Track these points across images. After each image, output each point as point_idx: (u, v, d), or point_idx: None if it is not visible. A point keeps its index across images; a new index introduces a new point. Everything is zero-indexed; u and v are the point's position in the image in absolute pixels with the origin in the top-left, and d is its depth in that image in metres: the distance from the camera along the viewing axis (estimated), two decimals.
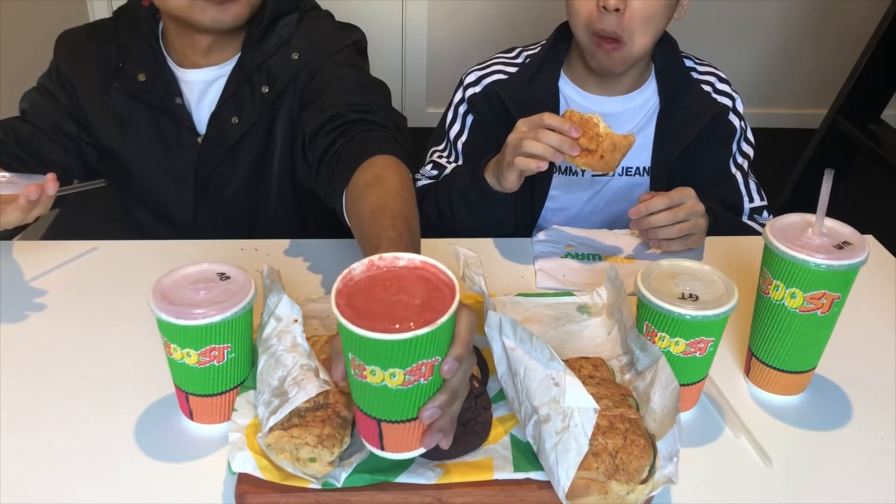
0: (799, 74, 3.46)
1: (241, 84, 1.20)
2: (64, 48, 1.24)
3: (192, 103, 1.22)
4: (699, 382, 0.82)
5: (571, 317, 0.94)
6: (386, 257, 0.66)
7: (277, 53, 1.20)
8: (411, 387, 0.62)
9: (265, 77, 1.20)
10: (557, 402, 0.69)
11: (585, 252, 1.13)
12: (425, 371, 0.61)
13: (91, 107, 1.22)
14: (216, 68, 1.21)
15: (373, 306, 0.61)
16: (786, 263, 0.78)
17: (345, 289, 0.63)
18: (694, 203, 1.08)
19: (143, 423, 0.80)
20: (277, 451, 0.70)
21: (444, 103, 1.38)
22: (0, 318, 0.95)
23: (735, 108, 1.30)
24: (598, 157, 0.99)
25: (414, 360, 0.60)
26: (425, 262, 0.65)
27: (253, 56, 1.19)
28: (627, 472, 0.68)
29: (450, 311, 0.60)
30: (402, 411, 0.63)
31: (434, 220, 1.21)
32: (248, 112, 1.20)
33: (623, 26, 1.13)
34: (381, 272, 0.65)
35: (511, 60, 1.33)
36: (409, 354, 0.60)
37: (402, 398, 0.62)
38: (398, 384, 0.61)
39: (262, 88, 1.19)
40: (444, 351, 0.62)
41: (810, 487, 0.76)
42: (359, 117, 1.05)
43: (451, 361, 0.62)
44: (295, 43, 1.20)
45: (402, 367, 0.60)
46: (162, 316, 0.72)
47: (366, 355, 0.60)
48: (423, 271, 0.65)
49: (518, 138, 1.02)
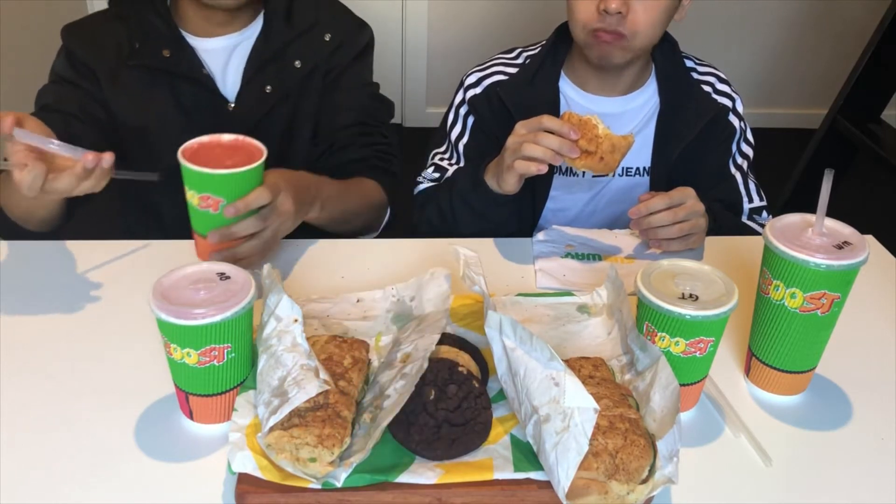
0: (799, 74, 3.46)
1: (272, 56, 1.25)
2: (75, 38, 1.24)
3: (216, 72, 1.25)
4: (699, 382, 0.82)
5: (571, 317, 0.94)
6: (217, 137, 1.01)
7: (310, 32, 1.27)
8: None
9: (298, 52, 1.26)
10: (557, 402, 0.69)
11: (585, 252, 1.13)
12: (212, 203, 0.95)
13: (112, 90, 1.23)
14: (236, 35, 1.25)
15: (200, 162, 0.94)
16: (786, 263, 0.78)
17: (187, 150, 0.97)
18: (694, 203, 1.08)
19: (143, 423, 0.80)
20: (277, 451, 0.70)
21: (444, 103, 1.38)
22: (0, 318, 0.95)
23: (735, 109, 1.30)
24: (597, 159, 0.99)
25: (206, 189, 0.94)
26: (245, 139, 1.00)
27: (281, 30, 1.25)
28: (627, 472, 0.68)
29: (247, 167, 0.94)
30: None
31: (437, 224, 1.22)
32: (281, 83, 1.26)
33: (626, 27, 1.13)
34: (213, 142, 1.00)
35: (511, 61, 1.33)
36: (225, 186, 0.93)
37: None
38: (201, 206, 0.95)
39: (294, 62, 1.25)
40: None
41: (810, 487, 0.76)
42: (360, 157, 1.29)
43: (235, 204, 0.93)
44: (324, 23, 1.29)
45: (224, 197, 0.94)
46: (162, 316, 0.72)
47: (199, 186, 0.94)
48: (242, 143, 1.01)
49: (517, 141, 1.02)
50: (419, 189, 1.31)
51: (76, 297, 0.99)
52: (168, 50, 1.22)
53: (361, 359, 0.80)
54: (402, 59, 3.30)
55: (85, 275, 1.04)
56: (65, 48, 1.25)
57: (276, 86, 1.26)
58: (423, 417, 0.73)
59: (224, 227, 0.95)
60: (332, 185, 1.18)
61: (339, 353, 0.79)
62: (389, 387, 0.76)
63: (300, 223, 1.12)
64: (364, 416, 0.76)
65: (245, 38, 1.26)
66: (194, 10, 1.22)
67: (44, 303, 0.98)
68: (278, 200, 0.99)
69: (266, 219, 0.98)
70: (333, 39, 1.29)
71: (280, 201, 1.00)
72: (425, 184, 1.31)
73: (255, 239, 0.99)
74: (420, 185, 1.31)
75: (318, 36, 1.28)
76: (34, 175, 0.87)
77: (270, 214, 0.99)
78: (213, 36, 1.24)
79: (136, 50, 1.21)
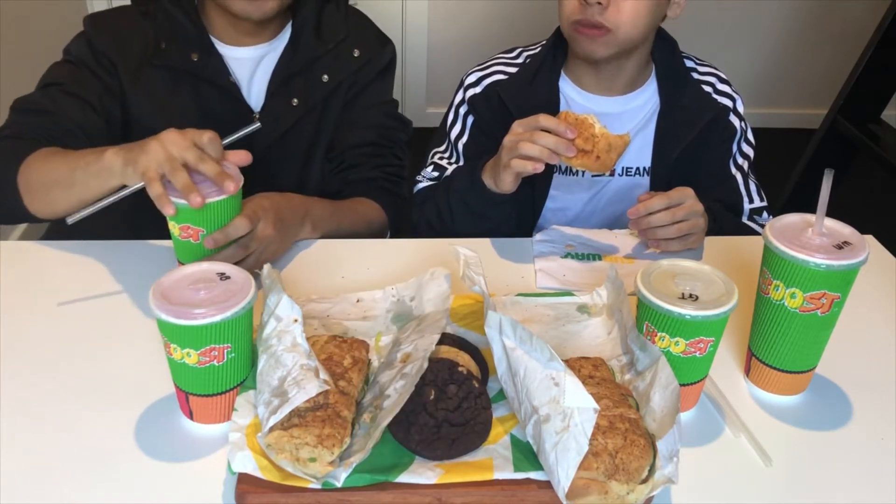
0: (799, 74, 3.46)
1: (301, 69, 1.24)
2: (99, 30, 1.21)
3: (242, 81, 1.25)
4: (699, 382, 0.82)
5: (571, 317, 0.94)
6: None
7: (339, 47, 1.27)
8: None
9: (326, 66, 1.26)
10: (557, 402, 0.69)
11: (585, 252, 1.13)
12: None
13: (133, 88, 1.21)
14: (265, 45, 1.25)
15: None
16: (786, 263, 0.78)
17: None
18: (693, 203, 1.08)
19: (143, 423, 0.80)
20: (277, 450, 0.70)
21: (444, 103, 1.38)
22: (0, 318, 0.95)
23: (735, 109, 1.30)
24: (594, 158, 0.99)
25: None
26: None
27: (311, 43, 1.25)
28: (627, 472, 0.68)
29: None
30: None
31: (435, 224, 1.22)
32: (308, 96, 1.25)
33: (607, 18, 1.13)
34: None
35: (511, 61, 1.33)
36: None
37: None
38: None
39: (322, 77, 1.25)
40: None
41: (810, 487, 0.76)
42: (369, 177, 1.29)
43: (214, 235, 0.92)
44: (352, 37, 1.29)
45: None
46: (162, 316, 0.72)
47: (178, 217, 0.93)
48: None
49: (514, 140, 1.02)
50: (418, 188, 1.31)
51: (76, 297, 0.99)
52: (196, 53, 1.20)
53: (361, 359, 0.80)
54: (402, 59, 3.30)
55: (85, 275, 1.03)
56: (86, 36, 1.21)
57: (303, 99, 1.25)
58: (423, 417, 0.73)
59: (205, 258, 0.93)
60: (323, 206, 1.17)
61: (339, 353, 0.79)
62: (389, 387, 0.76)
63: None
64: (364, 416, 0.76)
65: (272, 50, 1.25)
66: (222, 18, 1.21)
67: (44, 303, 0.98)
68: (258, 228, 0.99)
69: (247, 247, 0.98)
70: (362, 56, 1.28)
71: (260, 228, 0.99)
72: (424, 183, 1.31)
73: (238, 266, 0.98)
74: (419, 184, 1.31)
75: (348, 51, 1.27)
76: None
77: (250, 242, 0.98)
78: (241, 45, 1.24)
79: (161, 49, 1.20)
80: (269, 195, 1.06)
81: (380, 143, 1.31)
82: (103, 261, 1.06)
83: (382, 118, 1.33)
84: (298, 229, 1.11)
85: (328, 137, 1.30)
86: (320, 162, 1.31)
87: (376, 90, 1.33)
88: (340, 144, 1.30)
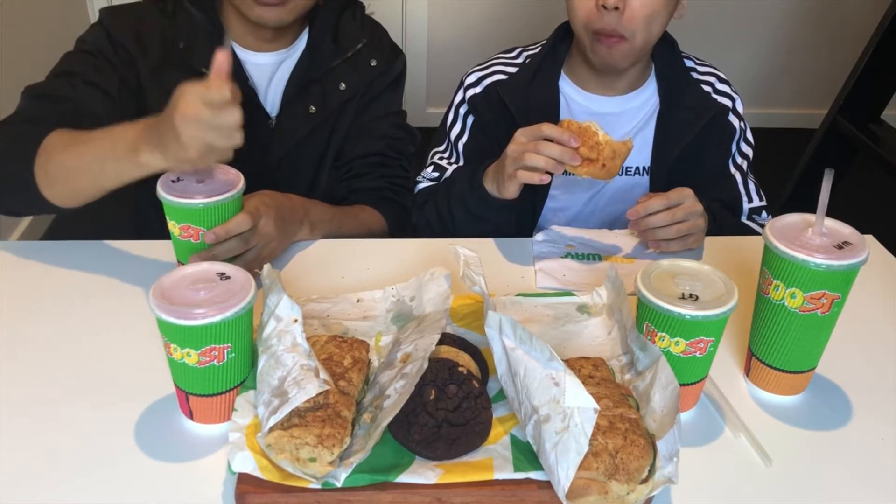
0: (799, 74, 3.46)
1: (318, 76, 1.24)
2: (118, 24, 1.18)
3: (259, 86, 1.25)
4: (699, 382, 0.82)
5: (571, 317, 0.94)
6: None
7: (356, 55, 1.27)
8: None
9: (343, 74, 1.26)
10: (557, 402, 0.69)
11: (585, 252, 1.13)
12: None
13: (152, 86, 1.19)
14: (282, 52, 1.25)
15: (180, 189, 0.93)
16: (786, 263, 0.78)
17: (165, 180, 0.94)
18: (692, 203, 1.08)
19: (143, 423, 0.80)
20: (277, 450, 0.70)
21: (444, 103, 1.38)
22: (0, 318, 0.95)
23: (735, 109, 1.30)
24: (599, 166, 0.99)
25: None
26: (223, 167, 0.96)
27: (328, 51, 1.25)
28: (627, 472, 0.68)
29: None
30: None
31: (435, 225, 1.22)
32: (324, 104, 1.25)
33: (623, 25, 1.13)
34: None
35: (511, 60, 1.33)
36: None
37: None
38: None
39: (339, 85, 1.25)
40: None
41: (810, 487, 0.76)
42: (375, 186, 1.29)
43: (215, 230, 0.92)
44: (368, 46, 1.29)
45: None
46: (162, 316, 0.72)
47: (179, 217, 0.94)
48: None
49: (518, 150, 1.02)
50: (418, 188, 1.31)
51: (76, 297, 0.99)
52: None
53: (361, 359, 0.80)
54: None
55: (85, 275, 1.04)
56: (103, 27, 1.18)
57: (320, 107, 1.25)
58: (423, 417, 0.73)
59: (206, 250, 0.94)
60: (324, 209, 1.17)
61: (339, 353, 0.79)
62: (389, 387, 0.76)
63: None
64: (364, 416, 0.76)
65: (289, 56, 1.25)
66: (240, 23, 1.20)
67: (43, 303, 0.98)
68: (260, 223, 0.99)
69: (248, 241, 0.98)
70: (378, 65, 1.29)
71: (262, 224, 1.00)
72: (424, 183, 1.31)
73: (237, 262, 0.98)
74: (419, 185, 1.31)
75: (365, 60, 1.28)
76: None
77: (252, 237, 0.99)
78: (259, 51, 1.23)
79: (180, 49, 1.19)
80: (270, 193, 1.06)
81: (387, 154, 1.31)
82: (103, 261, 1.06)
83: (391, 129, 1.33)
84: (298, 229, 1.11)
85: (338, 145, 1.30)
86: (329, 170, 1.31)
87: (387, 100, 1.33)
88: (349, 153, 1.30)
